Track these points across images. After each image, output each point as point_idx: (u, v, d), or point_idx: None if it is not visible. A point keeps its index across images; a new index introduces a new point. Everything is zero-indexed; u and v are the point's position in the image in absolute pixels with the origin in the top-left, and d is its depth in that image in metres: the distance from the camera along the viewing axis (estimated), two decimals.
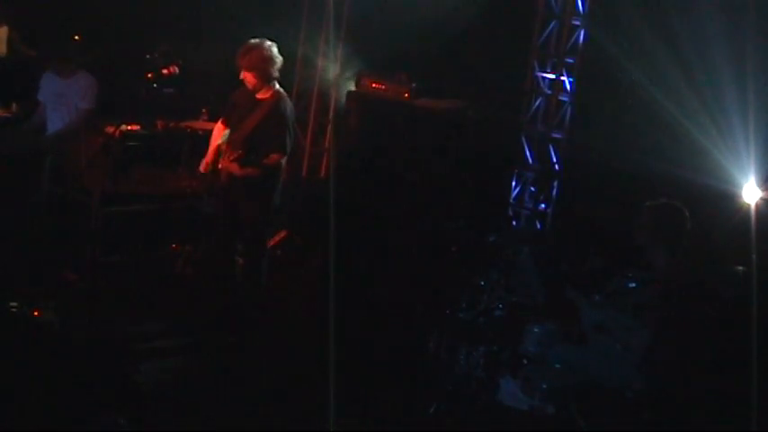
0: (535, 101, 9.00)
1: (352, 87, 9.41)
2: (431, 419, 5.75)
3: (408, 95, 8.91)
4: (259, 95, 6.60)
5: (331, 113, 10.44)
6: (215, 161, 6.66)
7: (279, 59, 6.60)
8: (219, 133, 6.75)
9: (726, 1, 7.93)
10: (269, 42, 6.59)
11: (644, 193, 5.65)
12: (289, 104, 6.69)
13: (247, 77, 6.53)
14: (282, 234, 8.45)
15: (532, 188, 9.07)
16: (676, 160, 7.77)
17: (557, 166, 8.93)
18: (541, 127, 8.96)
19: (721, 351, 5.66)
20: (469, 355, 5.93)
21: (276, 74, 6.62)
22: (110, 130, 6.97)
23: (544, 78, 8.96)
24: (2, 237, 7.01)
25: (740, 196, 7.60)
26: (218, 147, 6.69)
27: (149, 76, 7.59)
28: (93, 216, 6.67)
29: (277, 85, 6.65)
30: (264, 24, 9.15)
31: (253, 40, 6.60)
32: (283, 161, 6.65)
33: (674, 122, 8.02)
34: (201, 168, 6.73)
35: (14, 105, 8.24)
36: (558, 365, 5.54)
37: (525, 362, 5.71)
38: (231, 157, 6.43)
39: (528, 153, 9.06)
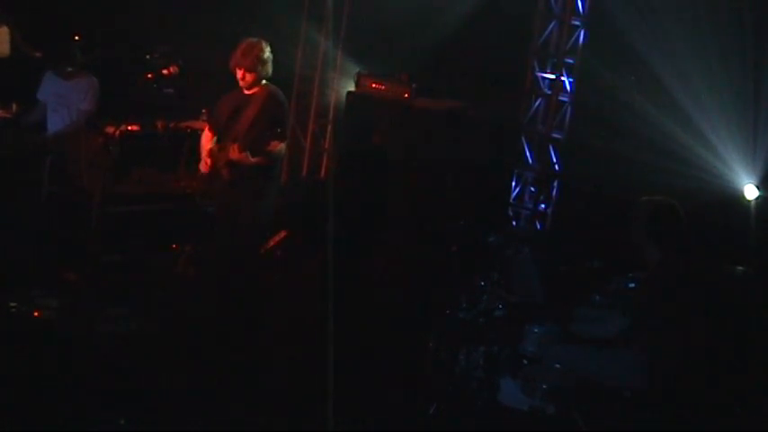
0: (535, 101, 8.99)
1: (352, 88, 9.41)
2: (431, 419, 5.75)
3: (408, 95, 8.90)
4: (249, 92, 6.71)
5: (331, 113, 10.44)
6: (213, 162, 6.71)
7: (271, 58, 6.74)
8: (208, 140, 6.85)
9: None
10: (264, 42, 6.71)
11: (644, 193, 5.64)
12: (281, 94, 6.82)
13: (246, 77, 6.64)
14: (282, 234, 8.45)
15: (532, 188, 9.06)
16: (677, 159, 7.77)
17: (557, 167, 8.92)
18: (541, 127, 8.95)
19: (721, 350, 5.66)
20: (469, 355, 5.93)
21: (270, 73, 6.76)
22: (110, 130, 6.98)
23: (544, 78, 8.95)
24: (2, 236, 7.02)
25: (742, 196, 7.61)
26: (211, 150, 6.75)
27: (149, 76, 7.60)
28: (93, 216, 6.66)
29: (265, 81, 6.77)
30: (264, 24, 9.17)
31: (251, 40, 6.69)
32: (283, 148, 6.79)
33: (674, 121, 8.02)
34: (202, 168, 6.78)
35: (14, 105, 8.25)
36: (557, 365, 5.54)
37: (525, 362, 5.72)
38: (238, 149, 6.49)
39: (528, 153, 9.05)
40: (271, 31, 7.47)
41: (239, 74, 6.63)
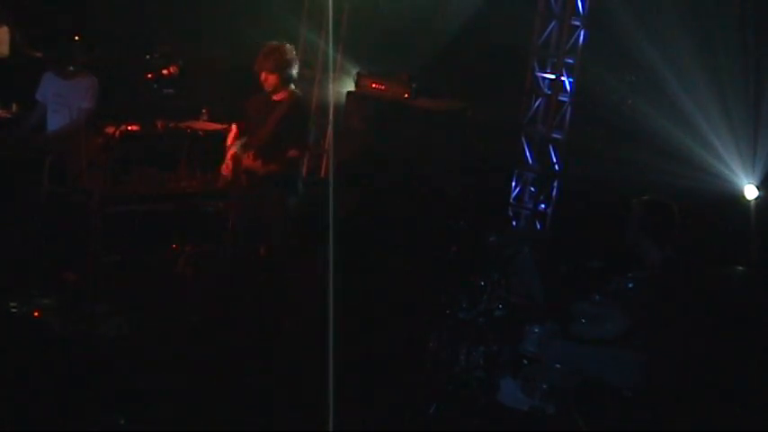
0: (535, 101, 8.99)
1: (352, 88, 9.40)
2: (431, 419, 5.75)
3: (408, 95, 8.90)
4: (276, 97, 6.67)
5: (330, 114, 10.43)
6: (234, 166, 6.68)
7: (297, 61, 6.71)
8: (234, 140, 6.80)
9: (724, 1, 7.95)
10: (289, 45, 6.69)
11: (644, 193, 5.64)
12: (306, 102, 6.84)
13: (269, 80, 6.60)
14: None
15: (532, 188, 9.07)
16: (677, 159, 7.77)
17: (557, 167, 8.92)
18: (541, 127, 8.95)
19: (721, 350, 5.66)
20: (469, 355, 5.94)
21: (295, 75, 6.71)
22: (110, 130, 6.97)
23: (544, 79, 8.95)
24: (2, 236, 7.01)
25: (742, 196, 7.61)
26: (235, 154, 6.71)
27: (149, 76, 7.59)
28: (93, 216, 6.66)
29: (293, 86, 6.71)
30: (264, 25, 9.17)
31: (273, 43, 6.71)
32: (302, 158, 6.81)
33: (675, 121, 8.02)
34: (223, 171, 6.76)
35: (14, 105, 8.24)
36: (557, 365, 5.54)
37: (525, 362, 5.72)
38: (253, 154, 6.48)
39: (528, 153, 9.05)
40: (270, 31, 7.47)
41: (262, 77, 6.61)
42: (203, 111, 8.56)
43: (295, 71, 6.69)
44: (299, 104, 6.69)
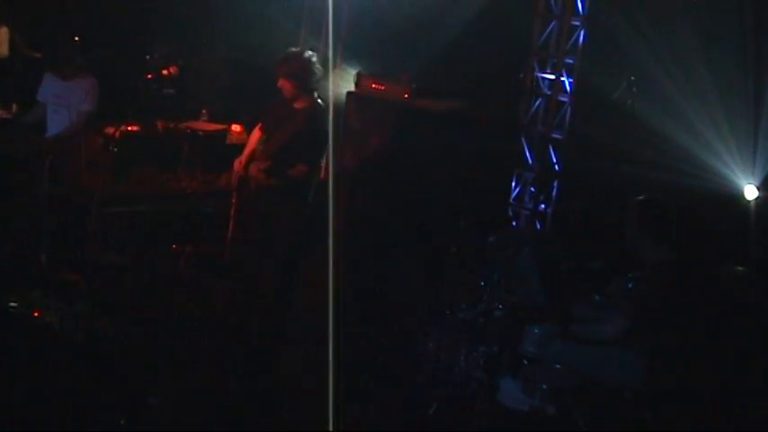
0: (535, 101, 8.98)
1: (352, 88, 9.40)
2: (431, 419, 5.75)
3: (408, 96, 8.90)
4: (296, 105, 6.47)
5: (330, 114, 10.42)
6: (248, 164, 6.58)
7: (319, 70, 6.48)
8: (255, 139, 6.69)
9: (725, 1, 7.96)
10: (309, 52, 6.52)
11: (644, 193, 5.64)
12: (325, 116, 6.49)
13: (285, 86, 6.39)
14: None
15: (532, 188, 9.06)
16: (677, 159, 7.77)
17: (556, 167, 8.92)
18: (541, 127, 8.94)
19: (721, 350, 5.66)
20: (469, 355, 5.94)
21: (315, 84, 6.48)
22: (110, 130, 6.98)
23: (544, 79, 8.94)
24: (2, 237, 7.02)
25: (742, 196, 7.62)
26: (254, 151, 6.60)
27: (149, 76, 7.60)
28: (93, 216, 6.67)
29: (315, 95, 6.51)
30: (264, 25, 9.18)
31: (292, 49, 6.58)
32: (313, 172, 6.49)
33: (675, 121, 8.02)
34: (236, 166, 6.61)
35: (14, 105, 8.25)
36: (557, 365, 5.55)
37: (525, 362, 5.72)
38: (261, 166, 6.38)
39: (528, 153, 9.04)
40: (270, 30, 7.46)
41: (279, 83, 6.40)
42: (203, 111, 8.58)
43: (313, 79, 6.43)
44: (320, 117, 6.41)
